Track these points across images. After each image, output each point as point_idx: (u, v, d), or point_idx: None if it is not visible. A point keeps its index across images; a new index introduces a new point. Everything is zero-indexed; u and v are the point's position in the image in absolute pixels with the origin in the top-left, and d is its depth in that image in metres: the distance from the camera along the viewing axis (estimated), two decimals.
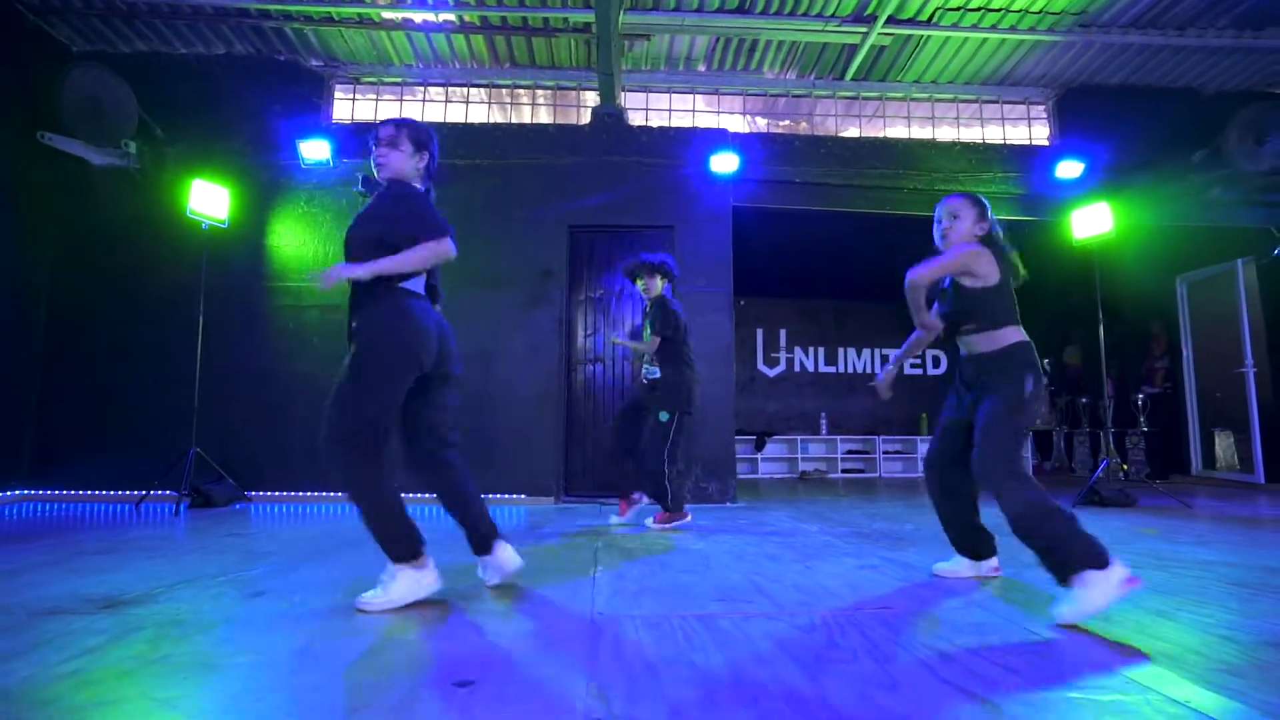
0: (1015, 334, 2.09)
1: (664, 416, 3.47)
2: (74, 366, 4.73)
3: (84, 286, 4.80)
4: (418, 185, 2.12)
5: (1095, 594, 1.73)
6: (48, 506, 4.44)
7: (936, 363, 8.65)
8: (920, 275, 2.04)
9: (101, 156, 4.75)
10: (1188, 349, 6.64)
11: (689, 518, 3.54)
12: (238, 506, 4.42)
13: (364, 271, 1.90)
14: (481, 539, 2.15)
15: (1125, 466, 6.59)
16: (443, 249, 1.97)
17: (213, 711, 1.20)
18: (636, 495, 3.69)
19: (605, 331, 4.96)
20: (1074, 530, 1.84)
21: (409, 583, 1.91)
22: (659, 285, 3.65)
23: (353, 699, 1.25)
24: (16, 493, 4.57)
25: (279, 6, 4.55)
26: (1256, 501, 4.79)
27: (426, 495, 2.25)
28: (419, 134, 2.10)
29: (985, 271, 2.08)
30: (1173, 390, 6.82)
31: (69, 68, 4.53)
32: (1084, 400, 7.45)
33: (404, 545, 1.94)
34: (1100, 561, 1.78)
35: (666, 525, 3.45)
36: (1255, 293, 5.83)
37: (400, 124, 2.10)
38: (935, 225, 2.25)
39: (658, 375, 3.53)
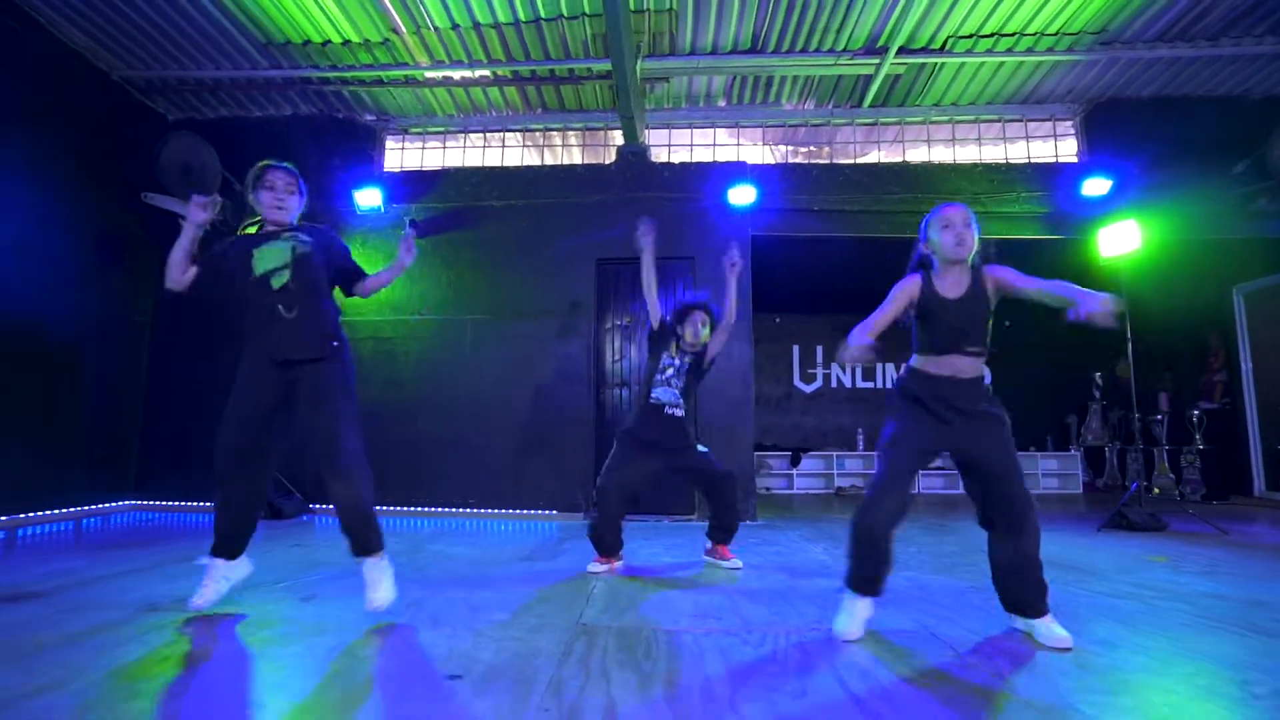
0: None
1: (703, 448, 3.22)
2: (171, 394, 5.42)
3: (179, 325, 5.50)
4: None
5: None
6: (149, 515, 5.11)
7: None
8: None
9: None
10: (1247, 362, 6.34)
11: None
12: (304, 518, 4.96)
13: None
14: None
15: (1167, 484, 6.35)
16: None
17: (270, 686, 1.57)
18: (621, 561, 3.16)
19: (632, 357, 5.26)
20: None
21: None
22: (705, 335, 3.16)
23: (371, 682, 1.60)
24: (125, 503, 5.29)
25: (336, 74, 5.12)
26: None
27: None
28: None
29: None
30: (1231, 405, 6.51)
31: (167, 136, 5.24)
32: (1137, 415, 7.17)
33: None
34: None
35: (729, 555, 3.22)
36: None
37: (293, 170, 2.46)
38: (944, 231, 2.07)
39: (683, 414, 3.14)
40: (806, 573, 3.06)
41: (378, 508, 2.26)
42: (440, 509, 5.06)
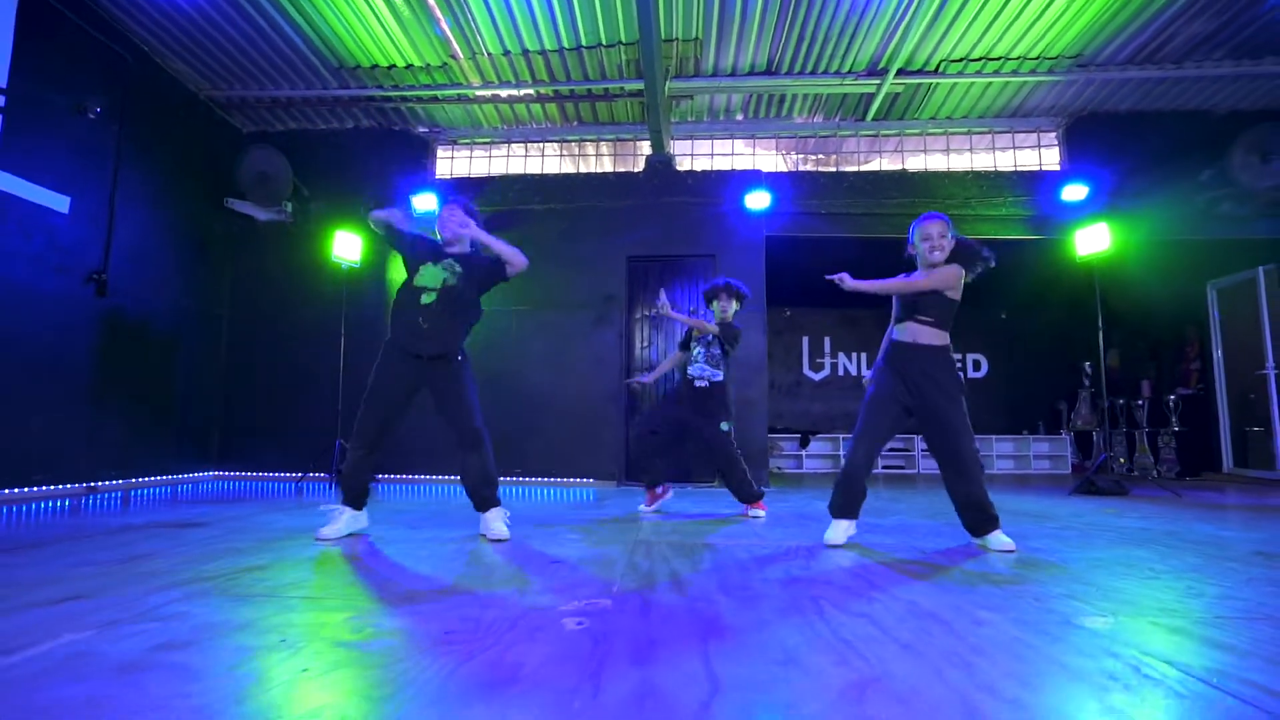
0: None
1: (725, 426, 3.73)
2: (249, 377, 6.12)
3: (254, 316, 6.19)
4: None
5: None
6: (234, 483, 5.82)
7: (977, 366, 9.10)
8: (914, 285, 2.65)
9: (265, 214, 6.14)
10: (1218, 351, 6.90)
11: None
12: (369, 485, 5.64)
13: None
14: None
15: (1146, 463, 6.93)
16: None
17: (423, 567, 2.24)
18: (662, 489, 3.95)
19: (659, 345, 5.91)
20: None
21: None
22: (734, 308, 3.85)
23: (497, 562, 2.26)
24: (210, 473, 6.01)
25: (397, 93, 5.78)
26: (1261, 495, 5.17)
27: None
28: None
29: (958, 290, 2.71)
30: (1205, 391, 7.08)
31: (246, 148, 5.93)
32: (1121, 401, 7.76)
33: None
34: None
35: (761, 508, 3.78)
36: (1276, 298, 6.10)
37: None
38: (925, 242, 2.65)
39: (720, 379, 3.76)
40: (816, 516, 3.71)
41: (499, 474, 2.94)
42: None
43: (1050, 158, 6.18)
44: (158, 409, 5.44)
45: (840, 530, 2.70)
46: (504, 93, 5.80)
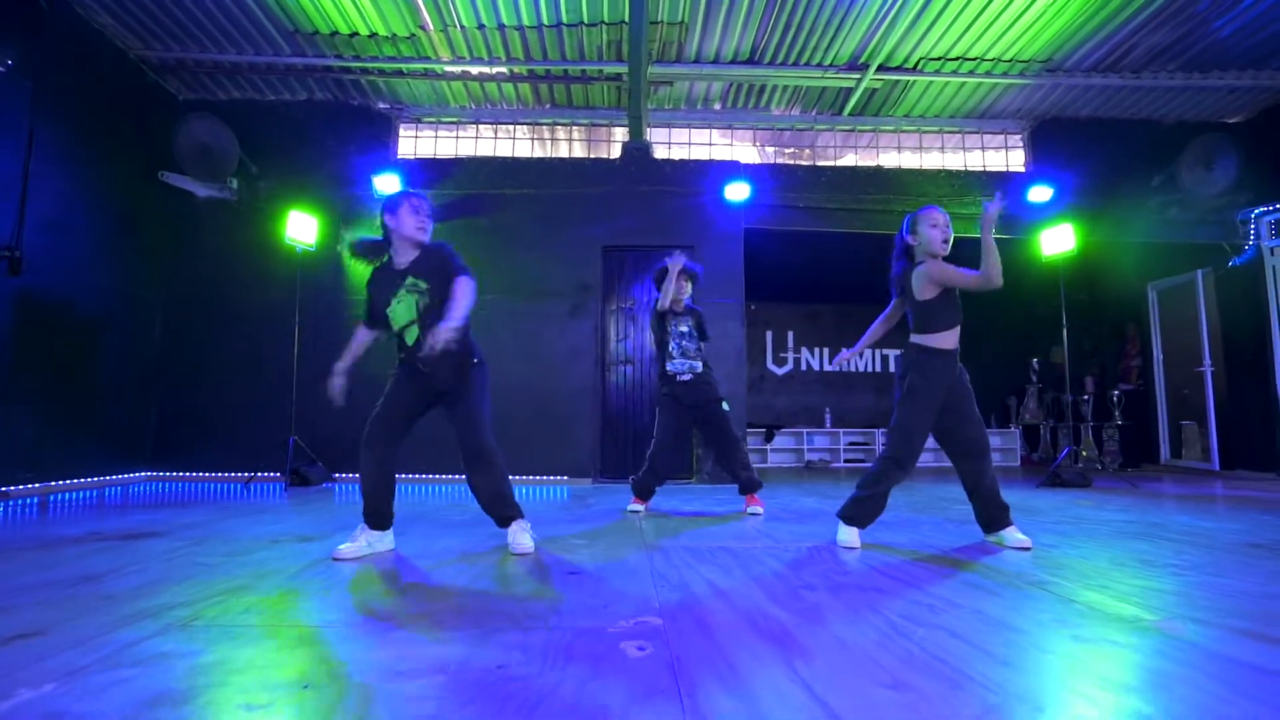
0: None
1: (727, 406, 3.77)
2: (187, 368, 5.58)
3: (193, 301, 5.65)
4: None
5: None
6: (170, 485, 5.30)
7: None
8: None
9: (206, 190, 5.60)
10: (1158, 349, 7.32)
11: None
12: (327, 485, 5.26)
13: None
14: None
15: (1091, 455, 7.30)
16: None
17: (427, 584, 2.01)
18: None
19: (635, 337, 5.75)
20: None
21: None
22: (688, 290, 3.82)
23: (514, 576, 2.06)
24: (143, 474, 5.46)
25: (358, 64, 5.37)
26: (1201, 484, 5.49)
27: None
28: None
29: None
30: (1144, 387, 7.51)
31: (184, 117, 5.38)
32: (1067, 396, 8.15)
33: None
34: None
35: (759, 504, 3.73)
36: (1214, 300, 6.50)
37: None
38: (934, 229, 2.58)
39: (701, 369, 3.72)
40: (810, 514, 3.65)
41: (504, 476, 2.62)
42: (456, 476, 5.44)
43: (1016, 160, 6.36)
44: (79, 402, 4.88)
45: (854, 534, 2.62)
46: (475, 70, 5.48)
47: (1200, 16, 4.83)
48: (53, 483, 4.65)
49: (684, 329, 3.77)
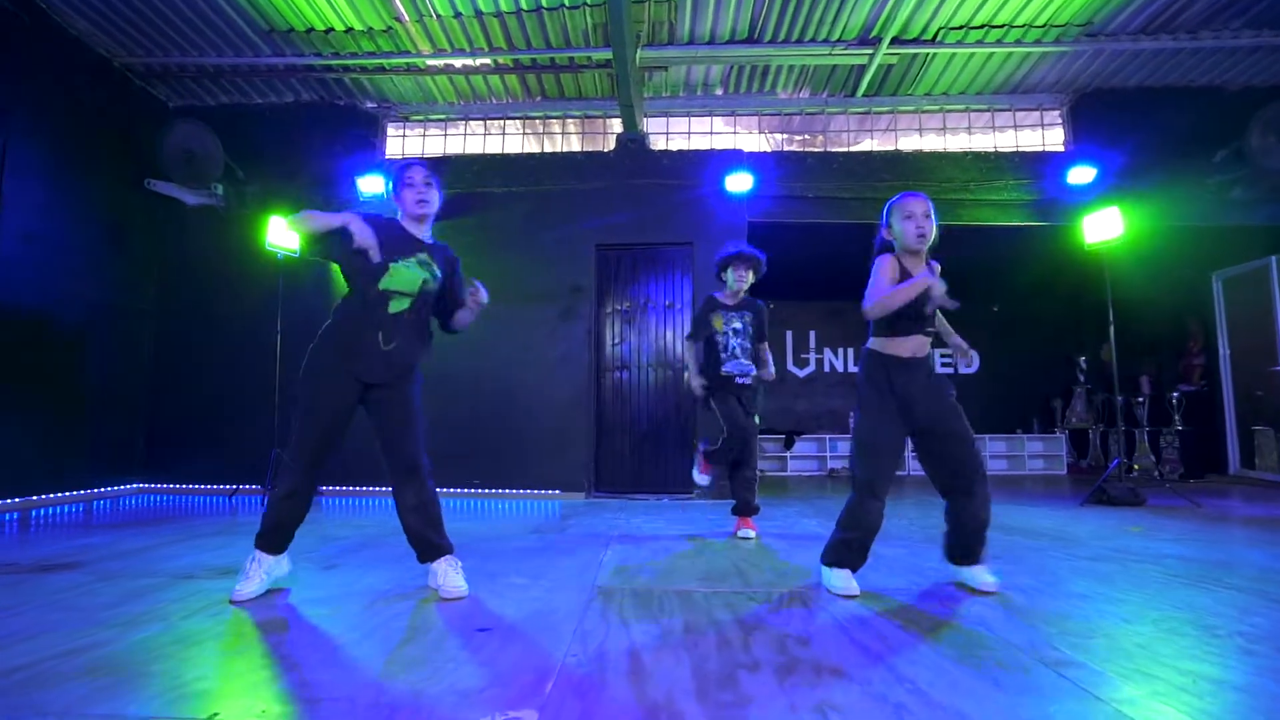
0: None
1: (758, 420, 3.44)
2: (176, 378, 5.49)
3: (181, 310, 5.55)
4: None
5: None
6: (158, 497, 5.19)
7: (969, 362, 8.71)
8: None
9: (194, 197, 5.49)
10: (1224, 346, 6.56)
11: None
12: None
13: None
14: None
15: (1147, 464, 6.57)
16: None
17: (310, 641, 1.69)
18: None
19: (631, 341, 5.38)
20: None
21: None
22: (750, 280, 3.42)
23: (404, 636, 1.73)
24: (134, 485, 5.37)
25: (339, 61, 5.17)
26: (1278, 502, 4.81)
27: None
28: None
29: None
30: (1209, 388, 6.74)
31: (168, 123, 5.27)
32: (1119, 398, 7.41)
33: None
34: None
35: (752, 528, 3.42)
36: None
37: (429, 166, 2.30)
38: (905, 221, 2.14)
39: (755, 370, 3.38)
40: (803, 539, 3.23)
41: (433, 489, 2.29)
42: (444, 489, 5.18)
43: (1054, 138, 5.75)
44: (65, 416, 4.79)
45: (846, 577, 2.19)
46: (458, 62, 5.21)
47: None
48: (36, 496, 4.57)
49: (738, 325, 3.38)
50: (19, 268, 4.41)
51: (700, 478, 3.52)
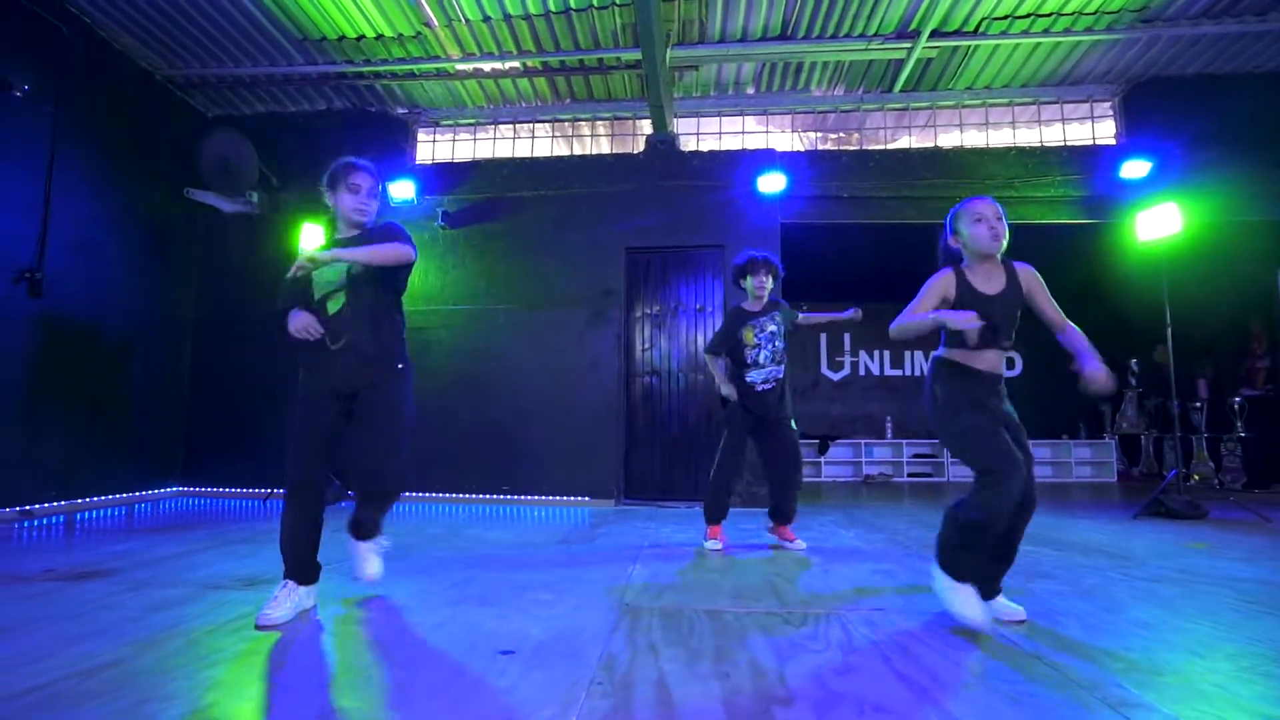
0: None
1: (795, 425, 3.37)
2: (213, 383, 5.61)
3: (218, 316, 5.67)
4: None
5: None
6: (196, 500, 5.31)
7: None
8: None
9: (230, 205, 5.60)
10: None
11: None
12: (341, 505, 5.11)
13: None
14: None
15: (1206, 473, 6.21)
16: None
17: (322, 667, 1.66)
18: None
19: (661, 346, 5.30)
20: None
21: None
22: (770, 286, 3.36)
23: (426, 658, 1.68)
24: (173, 489, 5.50)
25: (370, 68, 5.21)
26: None
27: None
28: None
29: None
30: (1276, 392, 6.34)
31: (206, 132, 5.38)
32: (1175, 402, 7.03)
33: None
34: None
35: (792, 535, 3.35)
36: None
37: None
38: (976, 224, 2.01)
39: (782, 375, 3.33)
40: (844, 554, 3.10)
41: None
42: (474, 495, 5.18)
43: (1104, 131, 5.47)
44: (109, 421, 4.93)
45: (970, 597, 1.90)
46: (487, 66, 5.20)
47: None
48: (81, 499, 4.71)
49: (772, 328, 3.34)
50: (69, 280, 4.54)
51: (710, 544, 3.31)
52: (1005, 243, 2.03)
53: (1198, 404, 6.76)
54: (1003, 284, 2.04)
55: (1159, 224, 4.51)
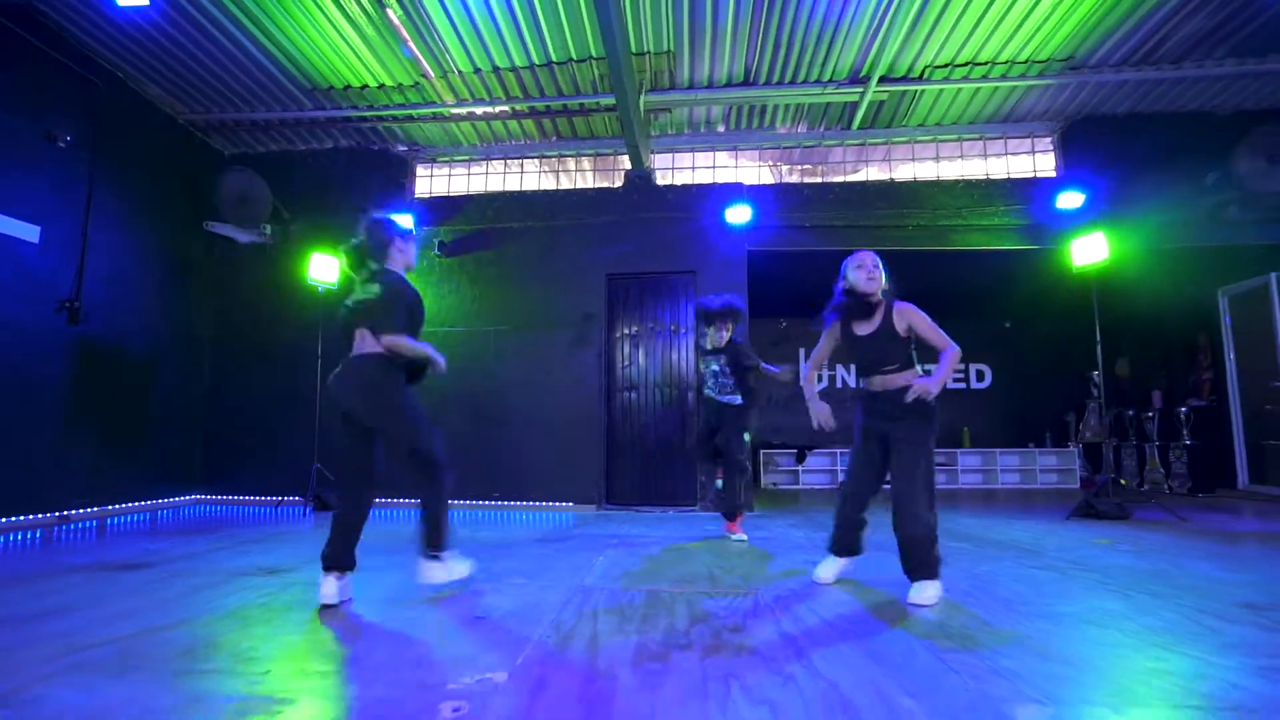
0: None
1: (748, 436, 4.10)
2: (229, 400, 6.08)
3: (234, 339, 6.15)
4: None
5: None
6: (213, 507, 5.77)
7: (981, 376, 8.83)
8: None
9: (245, 236, 6.10)
10: (1232, 361, 6.59)
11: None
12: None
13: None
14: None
15: (1158, 478, 6.62)
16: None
17: (337, 625, 2.11)
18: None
19: (639, 363, 5.77)
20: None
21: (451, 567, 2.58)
22: (730, 331, 4.06)
23: (418, 619, 2.13)
24: (192, 496, 5.97)
25: (373, 112, 5.72)
26: (1276, 517, 4.88)
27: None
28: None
29: None
30: (1218, 402, 6.77)
31: (223, 170, 5.91)
32: (1131, 413, 7.46)
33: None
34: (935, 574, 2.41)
35: (737, 529, 3.97)
36: None
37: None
38: (857, 270, 2.56)
39: (739, 402, 3.99)
40: (788, 547, 3.54)
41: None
42: (467, 501, 5.63)
43: (1045, 164, 5.95)
44: (135, 434, 5.41)
45: (831, 567, 2.72)
46: (479, 110, 5.71)
47: None
48: (111, 506, 5.18)
49: (715, 367, 4.07)
50: (102, 308, 5.03)
51: (735, 536, 3.94)
52: (880, 287, 2.55)
53: (1151, 414, 7.18)
54: (876, 325, 2.52)
55: (1090, 251, 4.97)
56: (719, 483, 4.22)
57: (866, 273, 2.59)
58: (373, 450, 2.53)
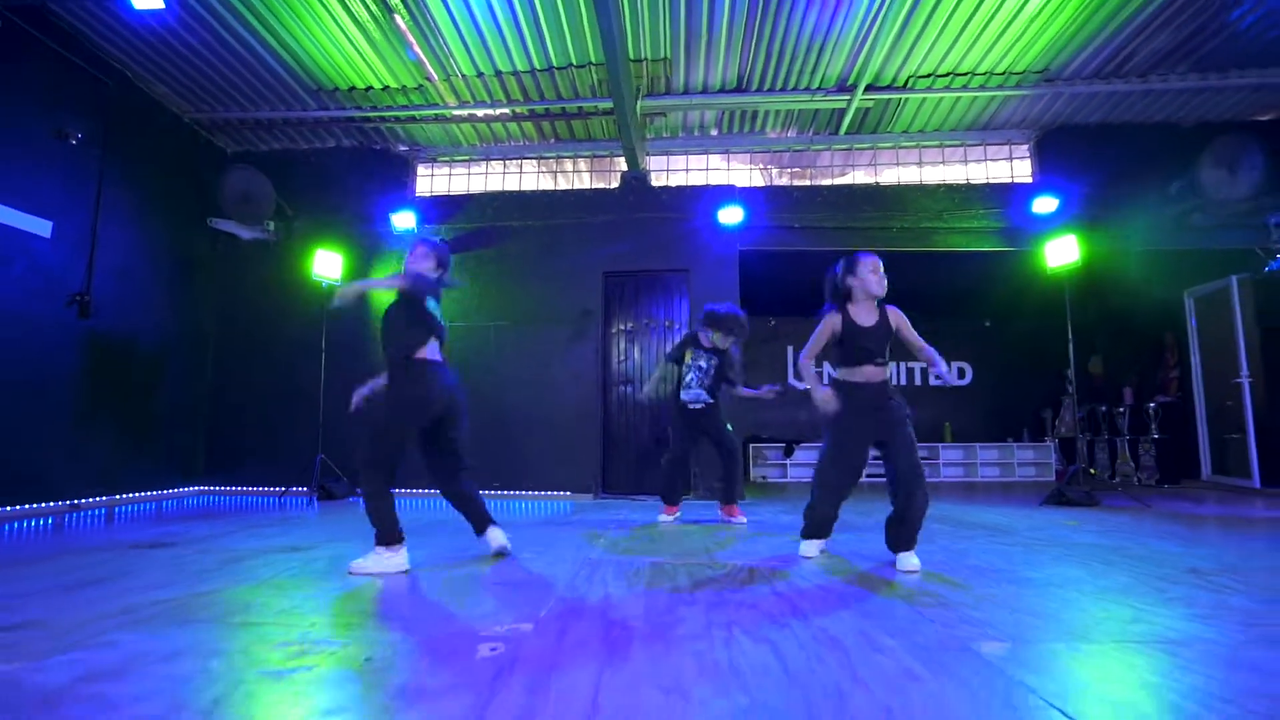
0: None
1: (730, 427, 4.30)
2: (233, 393, 6.21)
3: (238, 333, 6.28)
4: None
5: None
6: (218, 497, 5.89)
7: (962, 374, 9.14)
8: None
9: (249, 233, 6.23)
10: (1197, 359, 6.93)
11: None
12: (351, 499, 5.71)
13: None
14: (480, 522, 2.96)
15: (1128, 470, 6.95)
16: None
17: (369, 587, 2.30)
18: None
19: (635, 358, 5.97)
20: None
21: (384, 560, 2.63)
22: (731, 343, 4.16)
23: (445, 582, 2.32)
24: (196, 487, 6.09)
25: (376, 113, 5.88)
26: (1232, 504, 5.20)
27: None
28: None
29: None
30: (1184, 398, 7.10)
31: (227, 168, 6.03)
32: (1103, 408, 7.79)
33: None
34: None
35: (738, 514, 4.19)
36: (1251, 307, 6.14)
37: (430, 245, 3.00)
38: (873, 274, 2.73)
39: (713, 401, 4.16)
40: (778, 529, 3.76)
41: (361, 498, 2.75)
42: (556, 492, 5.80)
43: (1022, 170, 6.24)
44: (142, 426, 5.52)
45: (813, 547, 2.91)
46: (480, 112, 5.89)
47: (1210, 12, 4.64)
48: (119, 496, 5.29)
49: (702, 364, 4.15)
50: (111, 302, 5.15)
51: (663, 517, 4.19)
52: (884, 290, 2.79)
53: (1122, 409, 7.51)
54: (875, 320, 2.75)
55: (1063, 253, 5.26)
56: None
57: (879, 276, 2.79)
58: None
